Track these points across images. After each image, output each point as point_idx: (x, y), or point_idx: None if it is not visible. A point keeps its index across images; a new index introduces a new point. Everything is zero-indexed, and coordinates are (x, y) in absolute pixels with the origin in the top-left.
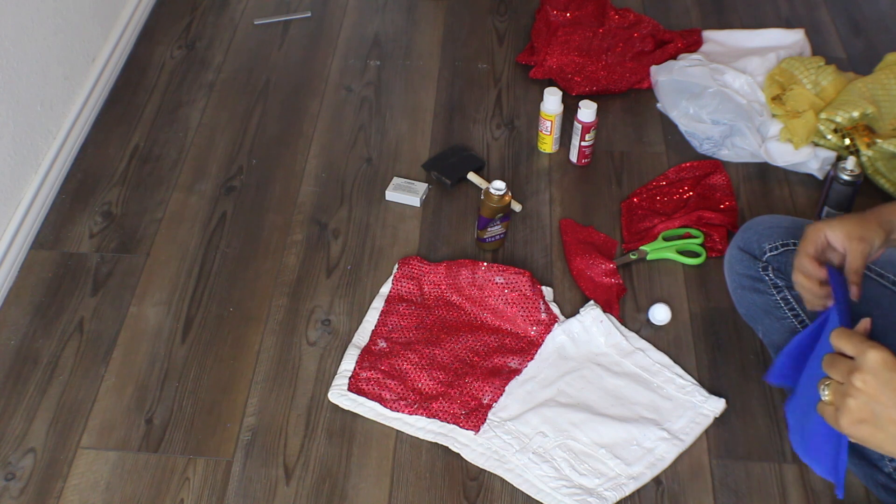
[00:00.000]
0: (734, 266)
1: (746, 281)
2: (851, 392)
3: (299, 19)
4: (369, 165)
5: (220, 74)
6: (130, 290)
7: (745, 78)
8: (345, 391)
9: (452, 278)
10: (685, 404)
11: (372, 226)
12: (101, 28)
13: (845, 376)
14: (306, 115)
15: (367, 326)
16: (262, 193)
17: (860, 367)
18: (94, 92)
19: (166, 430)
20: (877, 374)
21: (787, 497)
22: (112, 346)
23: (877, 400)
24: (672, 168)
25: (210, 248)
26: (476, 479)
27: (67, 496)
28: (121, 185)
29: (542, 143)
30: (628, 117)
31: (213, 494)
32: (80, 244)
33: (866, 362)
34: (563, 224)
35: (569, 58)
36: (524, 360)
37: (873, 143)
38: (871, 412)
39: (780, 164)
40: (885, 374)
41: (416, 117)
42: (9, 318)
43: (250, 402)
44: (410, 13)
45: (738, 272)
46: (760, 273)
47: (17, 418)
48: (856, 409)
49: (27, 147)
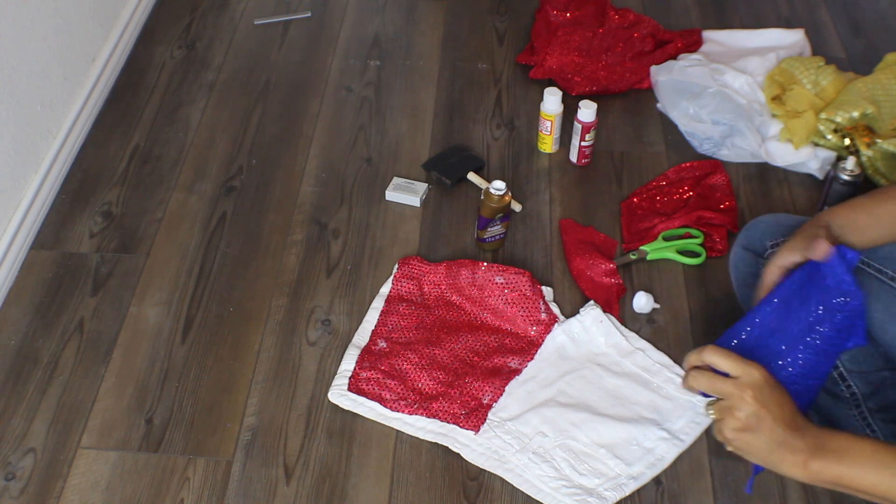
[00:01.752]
0: (738, 265)
1: (751, 279)
2: (740, 405)
3: (299, 19)
4: (369, 165)
5: (220, 74)
6: (130, 290)
7: (745, 78)
8: (345, 391)
9: (452, 278)
10: (685, 404)
11: (372, 226)
12: (101, 28)
13: (734, 392)
14: (306, 115)
15: (367, 326)
16: (262, 193)
17: (746, 383)
18: (94, 92)
19: (166, 430)
20: (761, 388)
21: (787, 497)
22: (112, 346)
23: (760, 412)
24: (672, 168)
25: (210, 248)
26: (476, 479)
27: (67, 496)
28: (121, 185)
29: (542, 143)
30: (628, 117)
31: (213, 494)
32: (80, 244)
33: (752, 378)
34: (563, 224)
35: (569, 58)
36: (524, 360)
37: (873, 143)
38: (754, 423)
39: (780, 164)
40: (766, 389)
41: (416, 117)
42: (9, 318)
43: (250, 402)
44: (410, 13)
45: (743, 270)
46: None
47: (17, 418)
48: (743, 419)
49: (27, 147)
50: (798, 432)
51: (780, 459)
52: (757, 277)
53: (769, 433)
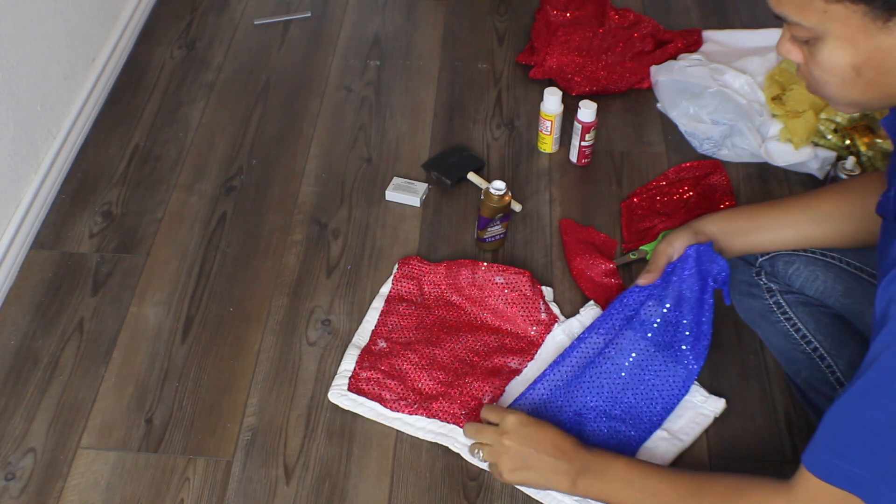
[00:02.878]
0: (732, 273)
1: (744, 286)
2: (502, 450)
3: (299, 19)
4: (369, 165)
5: (220, 74)
6: (130, 290)
7: (745, 78)
8: (345, 391)
9: (452, 278)
10: (685, 404)
11: (372, 226)
12: (101, 28)
13: (495, 439)
14: (306, 115)
15: (367, 326)
16: (262, 193)
17: (504, 429)
18: (94, 92)
19: (166, 430)
20: (517, 430)
21: None
22: (112, 346)
23: (522, 450)
24: (672, 168)
25: (210, 247)
26: (476, 479)
27: (67, 496)
28: (121, 185)
29: (542, 143)
30: (628, 117)
31: (213, 494)
32: (80, 244)
33: (507, 424)
34: (563, 224)
35: (569, 58)
36: (524, 360)
37: (873, 143)
38: (521, 460)
39: (780, 164)
40: (522, 430)
41: (416, 117)
42: (9, 318)
43: (250, 402)
44: (410, 13)
45: (736, 278)
46: (755, 278)
47: (17, 418)
48: (509, 460)
49: (27, 147)
50: (565, 457)
51: (554, 483)
52: (751, 286)
53: (538, 464)
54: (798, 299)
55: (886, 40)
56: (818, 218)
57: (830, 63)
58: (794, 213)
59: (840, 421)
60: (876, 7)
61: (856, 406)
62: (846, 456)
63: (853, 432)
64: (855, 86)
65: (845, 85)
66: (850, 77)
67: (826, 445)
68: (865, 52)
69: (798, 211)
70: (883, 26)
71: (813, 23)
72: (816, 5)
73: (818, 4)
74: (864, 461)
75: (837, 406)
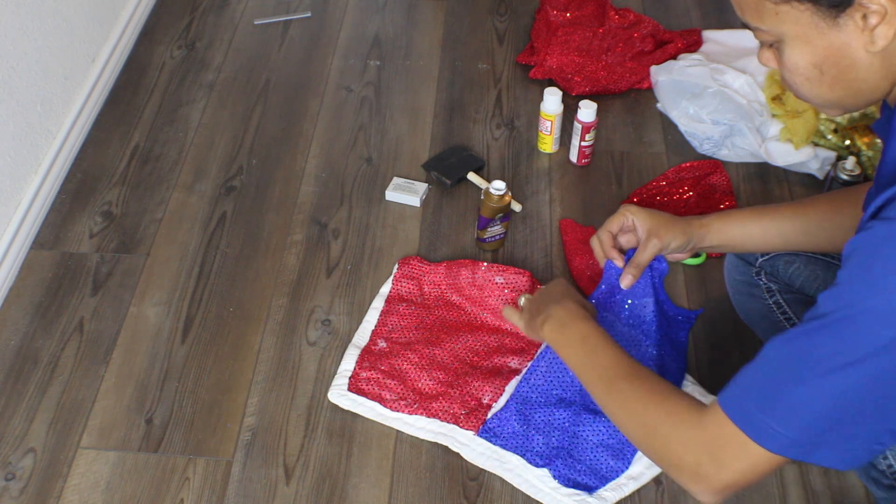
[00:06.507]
0: (732, 273)
1: (743, 287)
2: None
3: (299, 19)
4: (369, 165)
5: (220, 74)
6: (130, 290)
7: (745, 78)
8: (345, 391)
9: (452, 278)
10: None
11: (372, 226)
12: (101, 28)
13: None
14: (306, 115)
15: (367, 326)
16: (262, 193)
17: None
18: (94, 92)
19: (166, 430)
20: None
21: (787, 497)
22: (112, 346)
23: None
24: (672, 168)
25: (210, 248)
26: (476, 479)
27: (67, 496)
28: (121, 185)
29: (542, 143)
30: (628, 117)
31: (213, 494)
32: (80, 244)
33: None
34: (563, 224)
35: (569, 58)
36: (524, 360)
37: (873, 143)
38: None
39: (780, 164)
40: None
41: (416, 117)
42: (9, 318)
43: (250, 402)
44: (410, 13)
45: (736, 278)
46: (754, 278)
47: (17, 418)
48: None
49: (27, 147)
50: (556, 303)
51: (539, 321)
52: (751, 286)
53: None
54: (798, 299)
55: (839, 37)
56: (809, 228)
57: (794, 63)
58: (784, 223)
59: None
60: (821, 6)
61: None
62: (766, 409)
63: (773, 385)
64: (822, 84)
65: (812, 84)
66: (815, 76)
67: (751, 396)
68: (822, 49)
69: (787, 220)
70: (833, 23)
71: (769, 25)
72: (769, 7)
73: (769, 7)
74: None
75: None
